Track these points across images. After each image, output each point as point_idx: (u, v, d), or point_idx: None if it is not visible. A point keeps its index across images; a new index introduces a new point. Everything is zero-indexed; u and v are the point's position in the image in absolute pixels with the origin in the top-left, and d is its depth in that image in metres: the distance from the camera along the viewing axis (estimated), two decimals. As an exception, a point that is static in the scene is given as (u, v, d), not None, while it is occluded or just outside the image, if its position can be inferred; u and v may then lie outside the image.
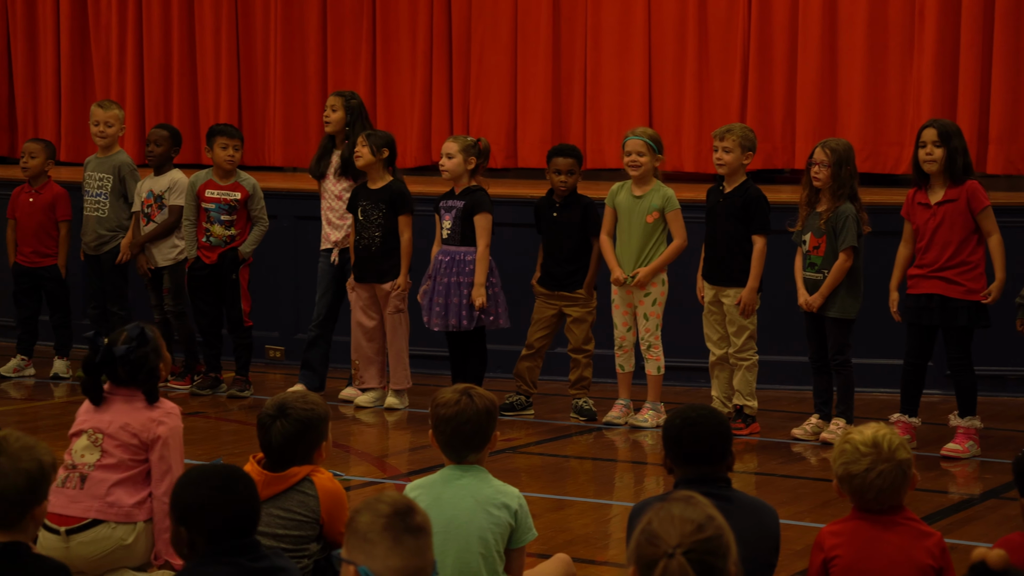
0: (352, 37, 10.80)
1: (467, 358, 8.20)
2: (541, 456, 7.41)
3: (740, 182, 7.76)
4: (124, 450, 4.95)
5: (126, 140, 10.96)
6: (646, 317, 7.91)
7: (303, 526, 4.49)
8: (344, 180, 8.49)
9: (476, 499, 4.27)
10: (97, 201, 8.95)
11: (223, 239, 8.50)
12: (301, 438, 4.53)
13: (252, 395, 8.64)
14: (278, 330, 9.65)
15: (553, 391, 8.64)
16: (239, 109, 11.13)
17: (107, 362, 4.97)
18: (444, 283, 8.04)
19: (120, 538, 4.92)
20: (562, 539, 5.67)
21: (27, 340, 9.18)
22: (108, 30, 11.37)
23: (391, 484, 6.65)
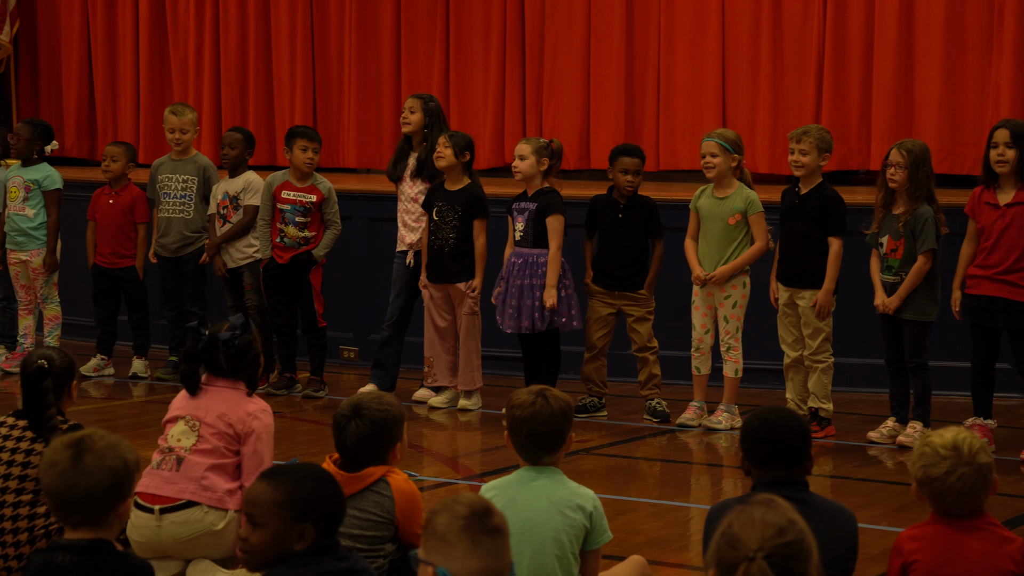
0: (426, 39, 10.84)
1: (540, 360, 8.20)
2: (614, 458, 7.40)
3: (816, 183, 7.71)
4: (219, 438, 5.03)
5: (203, 143, 11.08)
6: (726, 319, 7.88)
7: (378, 527, 4.51)
8: (420, 182, 8.52)
9: (551, 501, 4.26)
10: (182, 203, 9.03)
11: (297, 240, 8.55)
12: (376, 439, 4.56)
13: (327, 395, 8.69)
14: (352, 331, 9.70)
15: (626, 393, 8.63)
16: (314, 111, 11.21)
17: (211, 349, 5.03)
18: (517, 285, 8.05)
19: (211, 523, 4.99)
20: (636, 541, 5.66)
21: (106, 340, 9.29)
22: (186, 34, 11.49)
23: (465, 485, 6.67)
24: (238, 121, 11.11)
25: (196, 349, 5.07)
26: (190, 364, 5.10)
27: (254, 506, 3.47)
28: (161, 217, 9.09)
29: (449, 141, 8.20)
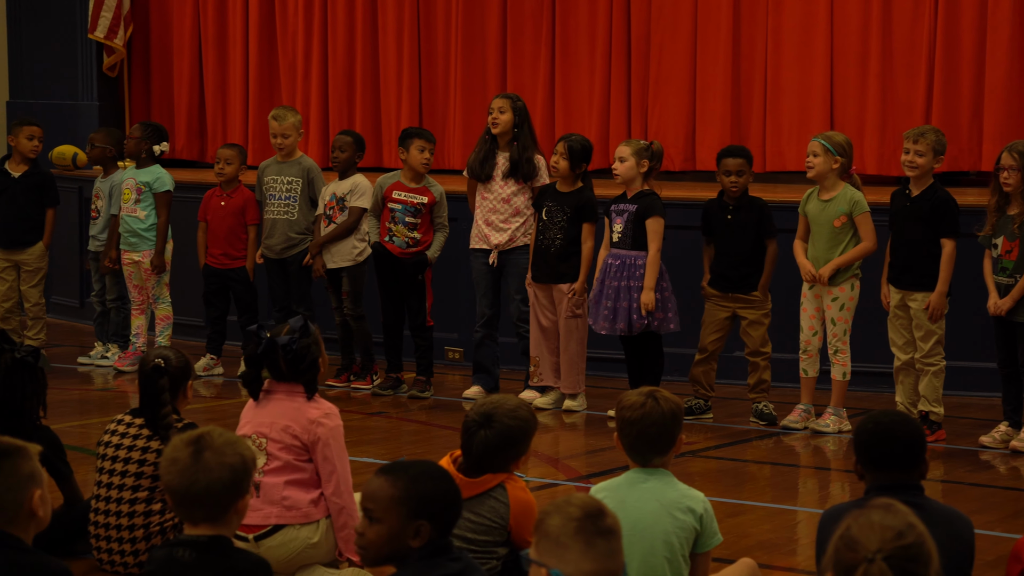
0: (531, 40, 10.86)
1: (643, 362, 8.18)
2: (720, 460, 7.36)
3: (928, 185, 7.61)
4: (288, 452, 5.02)
5: (310, 145, 11.20)
6: (834, 322, 7.80)
7: (491, 531, 4.52)
8: (514, 182, 8.53)
9: (661, 503, 4.25)
10: (287, 204, 9.12)
11: (406, 240, 8.61)
12: (501, 450, 4.54)
13: (432, 396, 8.73)
14: (457, 332, 9.74)
15: (732, 395, 8.58)
16: (420, 113, 11.27)
17: (270, 353, 5.04)
18: (613, 287, 8.04)
19: (306, 537, 5.02)
20: (744, 544, 5.62)
21: (216, 340, 9.41)
22: (294, 37, 11.62)
23: (571, 486, 6.67)
24: (345, 123, 11.21)
25: (256, 353, 5.08)
26: (251, 368, 5.10)
27: (372, 500, 3.48)
28: (267, 219, 9.19)
29: (567, 151, 8.20)
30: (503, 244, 8.53)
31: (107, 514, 5.21)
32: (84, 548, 5.32)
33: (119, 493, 5.20)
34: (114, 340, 9.70)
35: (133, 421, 5.31)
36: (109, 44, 11.77)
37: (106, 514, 5.21)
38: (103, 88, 12.00)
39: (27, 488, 3.59)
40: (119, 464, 5.22)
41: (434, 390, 8.80)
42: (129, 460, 5.22)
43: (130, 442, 5.25)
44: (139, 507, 5.19)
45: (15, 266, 9.70)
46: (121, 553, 5.21)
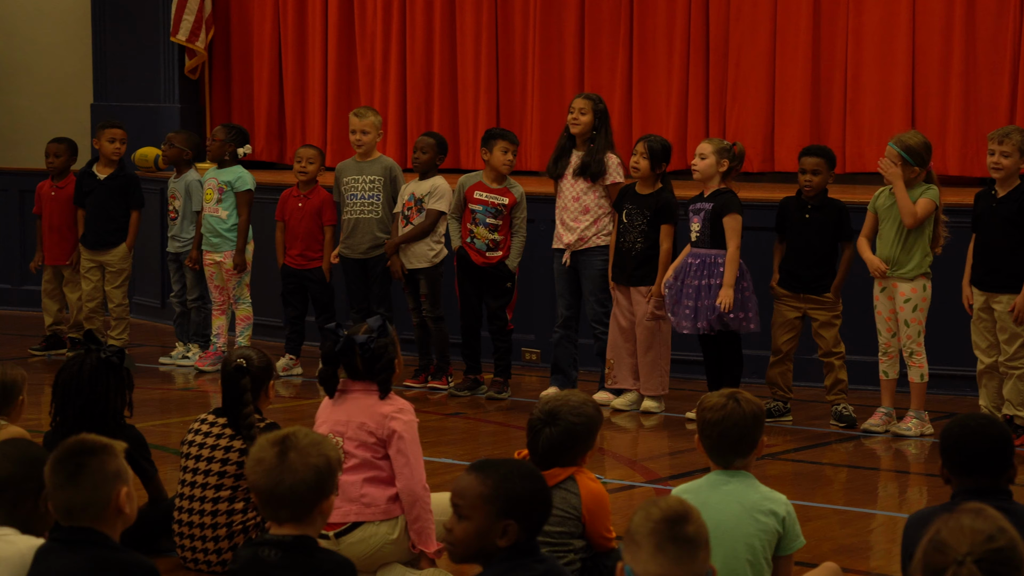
0: (609, 42, 10.84)
1: (722, 363, 8.14)
2: (799, 463, 7.30)
3: (1015, 186, 7.50)
4: (365, 449, 5.06)
5: (389, 146, 11.24)
6: (907, 323, 7.73)
7: (565, 522, 4.54)
8: (582, 181, 8.52)
9: (743, 505, 4.23)
10: (370, 203, 9.16)
11: (486, 242, 8.63)
12: (567, 448, 4.57)
13: (510, 397, 8.74)
14: (534, 333, 9.75)
15: (811, 397, 8.52)
16: (497, 114, 11.29)
17: (347, 351, 5.07)
18: (694, 285, 8.01)
19: (385, 534, 5.05)
20: (825, 548, 5.58)
21: (295, 340, 9.48)
22: (373, 39, 11.67)
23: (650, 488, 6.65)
24: (423, 125, 11.26)
25: (333, 351, 5.11)
26: (328, 367, 5.13)
27: (461, 498, 3.49)
28: (347, 219, 9.23)
29: (647, 151, 8.18)
30: (574, 244, 8.52)
31: (191, 512, 5.26)
32: (168, 546, 5.38)
33: (202, 492, 5.25)
34: (195, 340, 9.79)
35: (216, 421, 5.36)
36: (191, 47, 11.89)
37: (189, 512, 5.27)
38: (184, 91, 12.12)
39: (113, 485, 3.65)
40: (202, 463, 5.28)
41: (511, 391, 8.81)
42: (212, 459, 5.27)
43: (213, 441, 5.30)
44: (222, 506, 5.24)
45: (100, 267, 9.83)
46: (204, 551, 5.26)
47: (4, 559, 3.76)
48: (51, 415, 5.34)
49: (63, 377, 5.28)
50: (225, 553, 5.23)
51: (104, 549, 3.62)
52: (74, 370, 5.26)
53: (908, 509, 6.19)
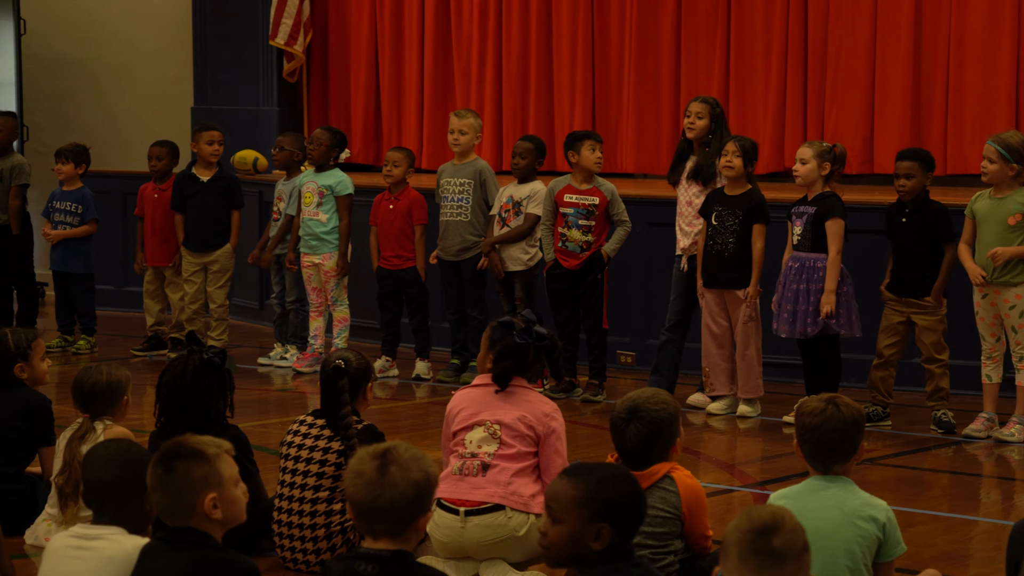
0: (706, 43, 10.79)
1: (820, 367, 8.07)
2: (899, 468, 7.22)
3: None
4: (521, 441, 5.14)
5: (485, 149, 11.27)
6: (1015, 329, 7.59)
7: (666, 523, 4.54)
8: (695, 185, 8.49)
9: (842, 511, 4.19)
10: (459, 206, 9.22)
11: (580, 244, 8.62)
12: (655, 439, 4.61)
13: (605, 399, 8.73)
14: (629, 336, 9.72)
15: (911, 402, 8.41)
16: (592, 117, 11.28)
17: (524, 347, 5.17)
18: (793, 289, 7.95)
19: (514, 528, 5.09)
20: (926, 555, 5.51)
21: (391, 342, 9.53)
22: (469, 42, 11.71)
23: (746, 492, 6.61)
24: (519, 128, 11.27)
25: (513, 345, 5.17)
26: (504, 360, 5.20)
27: (555, 501, 3.51)
28: (442, 220, 9.29)
29: (740, 150, 8.14)
30: (688, 249, 8.49)
31: (289, 513, 5.31)
32: (268, 546, 5.43)
33: (301, 493, 5.30)
34: (292, 341, 9.88)
35: (315, 422, 5.41)
36: (289, 50, 12.01)
37: (288, 513, 5.32)
38: (283, 94, 12.25)
39: (198, 491, 3.67)
40: (301, 464, 5.32)
41: (607, 394, 8.80)
42: (311, 460, 5.31)
43: (312, 443, 5.34)
44: (320, 507, 5.29)
45: (203, 268, 9.95)
46: (303, 552, 5.31)
47: (111, 559, 3.83)
48: (155, 415, 5.42)
49: (166, 378, 5.36)
50: (323, 554, 5.27)
51: (205, 549, 3.67)
52: (177, 371, 5.33)
53: (1013, 516, 6.09)
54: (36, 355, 5.85)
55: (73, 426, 5.59)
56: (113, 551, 3.83)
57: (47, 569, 3.95)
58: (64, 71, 13.01)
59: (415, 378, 9.40)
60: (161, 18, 12.85)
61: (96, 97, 12.99)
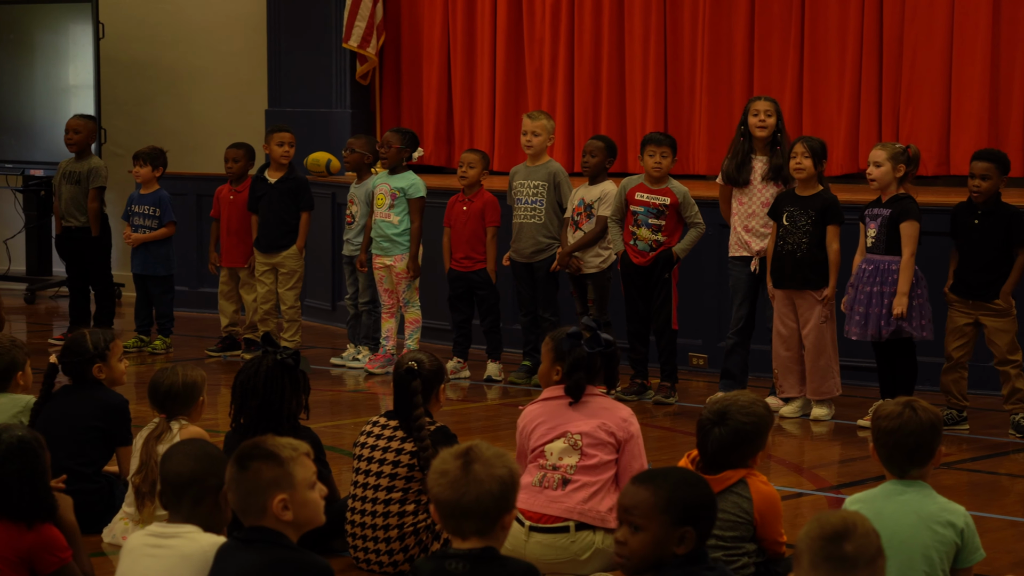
0: (779, 44, 10.72)
1: (895, 370, 8.00)
2: (976, 473, 7.14)
3: None
4: (602, 449, 5.14)
5: (556, 150, 11.26)
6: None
7: (737, 527, 4.52)
8: (772, 185, 8.45)
9: (919, 516, 4.15)
10: (533, 208, 9.22)
11: (649, 243, 8.60)
12: (737, 447, 4.56)
13: (677, 402, 8.70)
14: (701, 338, 9.68)
15: (988, 406, 8.31)
16: (665, 118, 11.24)
17: (592, 357, 5.17)
18: (866, 292, 7.88)
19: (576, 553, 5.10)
20: (1004, 562, 5.44)
21: (462, 343, 9.55)
22: (541, 44, 11.71)
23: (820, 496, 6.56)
24: (590, 129, 11.26)
25: (584, 355, 5.18)
26: (577, 371, 5.19)
27: (634, 509, 3.49)
28: (515, 223, 9.30)
29: (808, 151, 8.09)
30: (762, 250, 8.44)
31: (363, 514, 5.34)
32: (341, 546, 5.46)
33: (374, 493, 5.33)
34: (365, 342, 9.93)
35: (388, 423, 5.43)
36: (362, 53, 12.07)
37: (362, 514, 5.34)
38: (355, 96, 12.31)
39: (268, 492, 3.70)
40: (374, 465, 5.35)
41: (678, 396, 8.77)
42: (384, 461, 5.34)
43: (384, 444, 5.37)
44: (393, 507, 5.31)
45: (273, 269, 10.03)
46: (376, 552, 5.33)
47: (187, 556, 3.87)
48: (231, 416, 5.47)
49: (241, 379, 5.40)
50: (396, 554, 5.29)
51: (279, 548, 3.70)
52: (251, 372, 5.38)
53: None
54: (114, 356, 5.91)
55: (149, 426, 5.65)
56: (189, 548, 3.88)
57: (124, 567, 4.00)
58: (141, 74, 13.15)
59: (487, 379, 9.41)
60: (237, 21, 12.96)
61: (172, 100, 13.13)
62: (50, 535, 4.22)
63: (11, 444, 4.15)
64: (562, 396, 5.25)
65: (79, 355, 5.84)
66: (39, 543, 4.18)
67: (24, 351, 5.91)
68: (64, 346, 5.93)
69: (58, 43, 12.72)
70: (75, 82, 12.69)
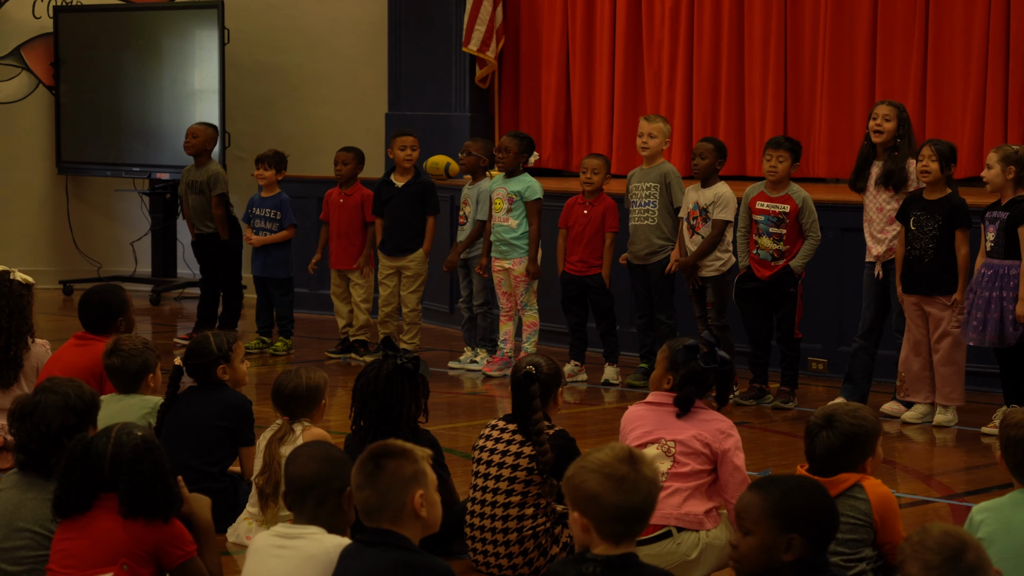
0: (903, 46, 10.58)
1: (1018, 376, 7.85)
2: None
3: None
4: (695, 459, 5.12)
5: (674, 153, 11.23)
6: None
7: (856, 530, 4.48)
8: (884, 191, 8.34)
9: (1049, 526, 4.08)
10: (646, 210, 9.21)
11: (771, 252, 8.54)
12: (845, 452, 4.54)
13: (796, 407, 8.62)
14: (821, 342, 9.59)
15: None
16: (784, 121, 11.15)
17: (706, 372, 5.19)
18: (984, 297, 7.75)
19: (684, 553, 5.08)
20: None
21: (578, 346, 9.55)
22: (660, 47, 11.68)
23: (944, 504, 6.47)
24: (709, 132, 11.20)
25: (698, 370, 5.18)
26: (688, 387, 5.19)
27: (745, 513, 3.53)
28: (630, 225, 9.29)
29: (936, 154, 7.98)
30: (882, 255, 8.34)
31: (482, 517, 5.36)
32: (460, 548, 5.49)
33: (493, 497, 5.35)
34: (482, 345, 9.97)
35: (507, 427, 5.45)
36: (482, 56, 12.14)
37: (481, 517, 5.37)
38: (475, 99, 12.38)
39: (409, 488, 3.76)
40: (493, 469, 5.37)
41: (798, 401, 8.69)
42: (503, 465, 5.36)
43: (504, 447, 5.39)
44: (512, 511, 5.33)
45: (397, 272, 10.10)
46: (495, 555, 5.35)
47: (312, 556, 3.92)
48: (351, 419, 5.53)
49: (361, 382, 5.46)
50: (515, 558, 5.31)
51: (403, 551, 3.74)
52: (371, 376, 5.43)
53: None
54: (237, 357, 6.00)
55: (273, 428, 5.73)
56: (313, 549, 3.93)
57: (250, 567, 4.07)
58: (264, 79, 13.34)
59: (604, 383, 9.40)
60: (359, 26, 13.10)
61: (294, 104, 13.30)
62: (176, 529, 4.30)
63: (138, 445, 4.23)
64: (668, 404, 5.24)
65: (204, 357, 5.93)
66: (166, 537, 4.26)
67: (156, 353, 6.01)
68: (188, 348, 6.03)
69: (185, 48, 12.96)
70: (200, 87, 12.91)
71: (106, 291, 6.81)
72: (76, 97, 13.40)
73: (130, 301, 6.78)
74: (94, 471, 4.22)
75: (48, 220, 13.75)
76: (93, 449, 4.23)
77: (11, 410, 4.68)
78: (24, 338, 6.82)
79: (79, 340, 6.63)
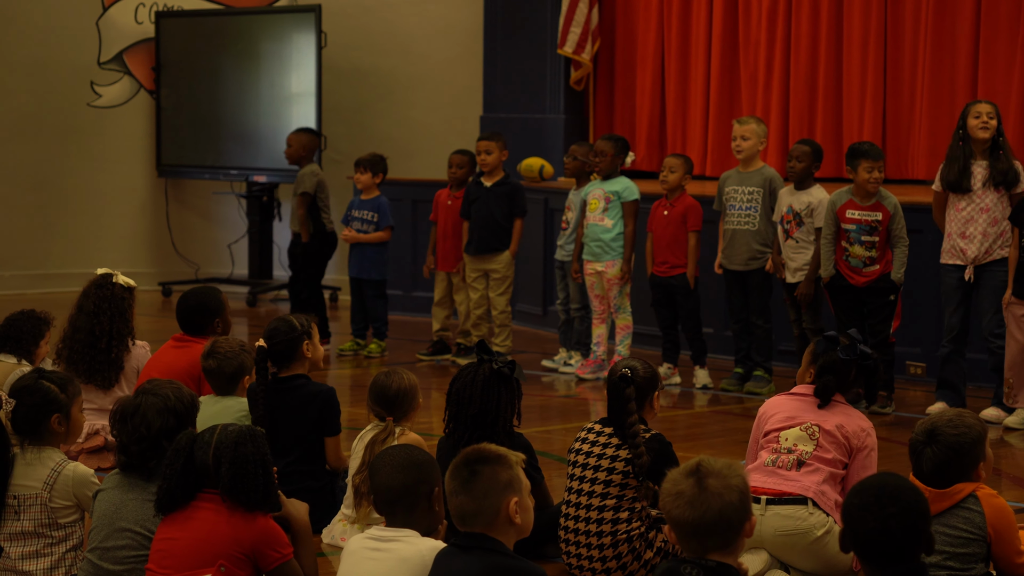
0: (1006, 44, 10.40)
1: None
2: None
3: None
4: (836, 448, 5.22)
5: (771, 155, 11.14)
6: None
7: (969, 543, 4.42)
8: (993, 191, 8.22)
9: None
10: (747, 215, 9.13)
11: (863, 260, 8.44)
12: (952, 463, 4.49)
13: (893, 412, 8.52)
14: (919, 346, 9.47)
15: None
16: (883, 122, 11.02)
17: (847, 364, 5.27)
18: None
19: (812, 525, 5.15)
20: None
21: (671, 349, 9.51)
22: (756, 48, 11.60)
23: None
24: (805, 133, 11.10)
25: (836, 360, 5.27)
26: (826, 377, 5.28)
27: None
28: (727, 229, 9.21)
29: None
30: (980, 257, 8.22)
31: (576, 520, 5.36)
32: (554, 552, 5.49)
33: (588, 500, 5.34)
34: (577, 348, 9.96)
35: (603, 430, 5.44)
36: (577, 59, 12.13)
37: (575, 520, 5.36)
38: (569, 101, 12.37)
39: (503, 494, 3.76)
40: (589, 472, 5.37)
41: (895, 405, 8.59)
42: (598, 468, 5.35)
43: (599, 450, 5.38)
44: (607, 515, 5.31)
45: (484, 275, 10.12)
46: (589, 559, 5.34)
47: (406, 559, 3.94)
48: (444, 422, 5.55)
49: (456, 386, 5.48)
50: (609, 562, 5.30)
51: (497, 555, 3.75)
52: (467, 380, 5.45)
53: None
54: (316, 335, 6.05)
55: (374, 428, 5.73)
56: (407, 552, 3.95)
57: (345, 569, 4.10)
58: (361, 82, 13.44)
59: (702, 387, 9.35)
60: (454, 29, 13.15)
61: (390, 107, 13.38)
62: (273, 530, 4.33)
63: (243, 430, 4.30)
64: (809, 395, 5.35)
65: (290, 333, 5.94)
66: (262, 538, 4.29)
67: (252, 356, 6.05)
68: (271, 329, 5.99)
69: (282, 52, 13.09)
70: (297, 90, 13.04)
71: (203, 293, 6.90)
72: (176, 101, 13.59)
73: (227, 303, 6.85)
74: (198, 461, 4.27)
75: (148, 222, 13.95)
76: (199, 440, 4.30)
77: (112, 412, 4.76)
78: (125, 340, 6.94)
79: (177, 342, 6.72)
